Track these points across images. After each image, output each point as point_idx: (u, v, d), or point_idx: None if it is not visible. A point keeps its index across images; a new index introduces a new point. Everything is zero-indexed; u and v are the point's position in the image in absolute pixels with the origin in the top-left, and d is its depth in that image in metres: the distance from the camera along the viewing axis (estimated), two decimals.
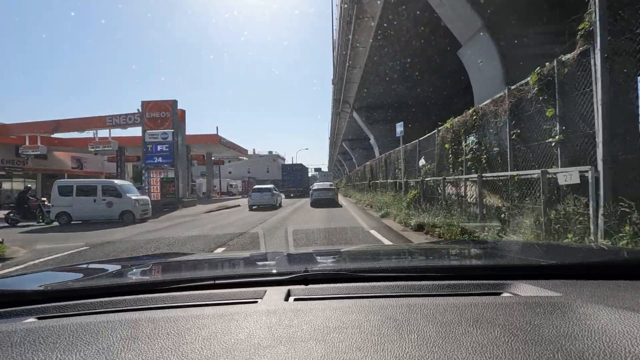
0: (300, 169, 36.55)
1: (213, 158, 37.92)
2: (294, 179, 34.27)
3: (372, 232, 8.15)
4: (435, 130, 8.82)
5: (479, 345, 0.60)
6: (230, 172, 63.31)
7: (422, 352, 0.58)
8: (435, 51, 15.24)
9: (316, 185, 21.43)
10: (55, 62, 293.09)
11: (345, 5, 14.33)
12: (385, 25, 13.82)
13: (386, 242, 6.88)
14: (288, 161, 67.71)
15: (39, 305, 0.97)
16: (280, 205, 19.95)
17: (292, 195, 32.17)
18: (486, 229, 5.79)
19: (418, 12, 12.16)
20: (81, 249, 7.54)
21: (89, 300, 0.99)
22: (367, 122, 27.34)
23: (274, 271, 1.20)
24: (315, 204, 18.80)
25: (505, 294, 0.92)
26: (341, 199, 20.69)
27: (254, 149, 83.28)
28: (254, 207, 18.66)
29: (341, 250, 2.28)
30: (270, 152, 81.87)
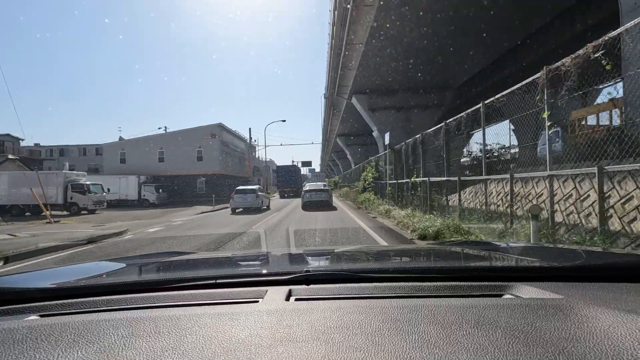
0: (294, 170, 38.96)
1: None
2: (288, 180, 36.14)
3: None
4: None
5: (480, 346, 0.59)
6: (123, 160, 35.75)
7: (422, 354, 0.58)
8: None
9: (308, 186, 18.89)
10: None
11: None
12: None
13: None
14: (252, 140, 48.39)
15: (42, 303, 0.98)
16: (268, 208, 17.43)
17: (286, 195, 33.79)
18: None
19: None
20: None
21: (91, 299, 1.00)
22: None
23: (275, 271, 1.20)
24: (307, 206, 16.56)
25: (506, 296, 0.92)
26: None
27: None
28: (237, 211, 16.22)
29: (342, 250, 2.27)
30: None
